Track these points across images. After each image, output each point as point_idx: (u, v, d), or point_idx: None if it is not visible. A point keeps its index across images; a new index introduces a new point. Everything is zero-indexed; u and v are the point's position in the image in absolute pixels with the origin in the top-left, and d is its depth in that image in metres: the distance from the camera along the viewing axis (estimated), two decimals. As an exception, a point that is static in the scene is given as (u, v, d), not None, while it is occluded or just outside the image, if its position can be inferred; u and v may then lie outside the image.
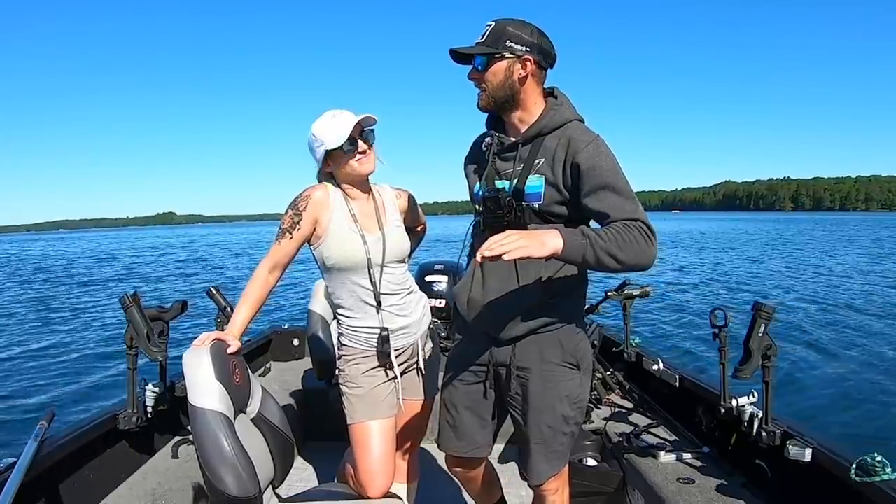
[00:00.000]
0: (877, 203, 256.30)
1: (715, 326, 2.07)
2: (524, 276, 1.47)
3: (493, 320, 1.51)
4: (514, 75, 1.43)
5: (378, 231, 1.77)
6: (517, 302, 1.48)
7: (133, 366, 2.12)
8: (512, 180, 1.48)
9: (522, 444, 1.59)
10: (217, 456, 1.45)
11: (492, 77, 1.44)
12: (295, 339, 3.75)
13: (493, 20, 1.45)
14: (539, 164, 1.45)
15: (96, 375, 6.93)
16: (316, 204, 1.72)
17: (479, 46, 1.43)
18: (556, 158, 1.43)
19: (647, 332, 8.21)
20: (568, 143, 1.42)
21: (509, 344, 1.53)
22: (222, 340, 1.66)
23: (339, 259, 1.73)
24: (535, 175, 1.45)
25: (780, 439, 1.84)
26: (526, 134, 1.48)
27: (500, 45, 1.41)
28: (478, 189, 1.54)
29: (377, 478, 1.76)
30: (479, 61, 1.43)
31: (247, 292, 1.75)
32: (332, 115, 1.69)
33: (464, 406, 1.65)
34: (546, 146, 1.45)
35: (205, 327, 2.89)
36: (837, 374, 6.39)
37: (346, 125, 1.64)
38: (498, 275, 1.49)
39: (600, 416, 2.70)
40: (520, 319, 1.49)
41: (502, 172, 1.51)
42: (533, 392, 1.52)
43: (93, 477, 1.96)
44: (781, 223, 73.85)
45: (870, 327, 8.76)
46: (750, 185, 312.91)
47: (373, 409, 1.79)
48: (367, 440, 1.78)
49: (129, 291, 2.15)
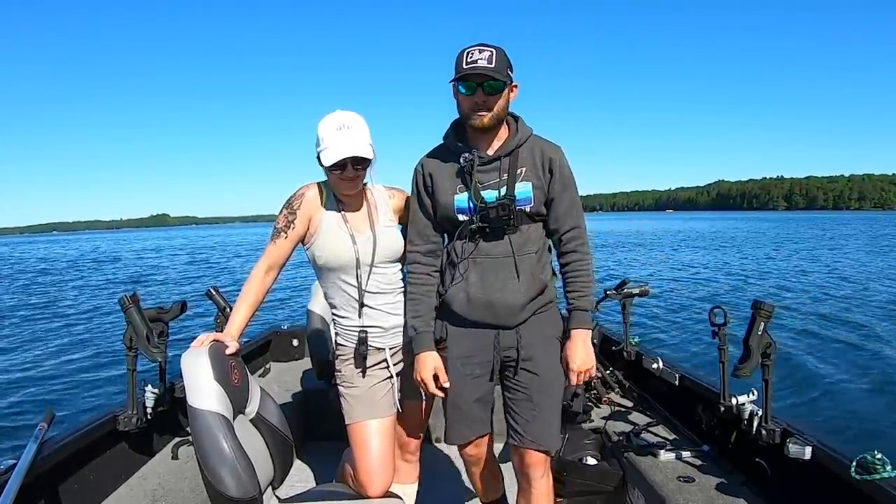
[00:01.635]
0: (870, 202, 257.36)
1: (714, 325, 2.08)
2: (521, 269, 1.65)
3: (499, 312, 1.66)
4: (509, 99, 1.63)
5: (369, 231, 1.78)
6: (520, 291, 1.65)
7: (133, 367, 2.11)
8: (500, 189, 1.63)
9: (530, 416, 1.69)
10: (216, 457, 1.45)
11: (501, 101, 1.59)
12: (294, 339, 3.75)
13: (490, 46, 1.56)
14: (522, 172, 1.64)
15: (96, 376, 6.90)
16: (309, 202, 1.75)
17: (496, 73, 1.53)
18: (536, 166, 1.65)
19: (646, 330, 8.21)
20: (542, 151, 1.66)
21: (513, 329, 1.69)
22: (220, 342, 1.66)
23: (329, 258, 1.75)
24: (522, 182, 1.64)
25: (779, 437, 1.85)
26: (505, 148, 1.65)
27: (506, 72, 1.57)
28: (463, 200, 1.65)
29: (376, 477, 1.77)
30: (499, 87, 1.56)
31: (244, 293, 1.76)
32: (337, 124, 1.68)
33: (473, 399, 1.74)
34: (523, 157, 1.65)
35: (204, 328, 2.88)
36: (837, 372, 6.41)
37: (339, 151, 1.64)
38: (496, 272, 1.65)
39: (600, 414, 2.71)
40: (523, 306, 1.66)
41: (485, 184, 1.64)
42: (542, 366, 1.70)
43: (93, 478, 1.96)
44: (778, 222, 74.17)
45: (870, 325, 8.78)
46: (743, 185, 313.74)
47: (371, 409, 1.80)
48: (365, 440, 1.78)
49: (129, 292, 2.15)
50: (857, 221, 69.60)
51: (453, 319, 1.72)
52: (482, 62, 1.51)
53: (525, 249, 1.65)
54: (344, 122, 1.68)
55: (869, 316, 9.53)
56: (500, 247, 1.64)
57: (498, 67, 1.53)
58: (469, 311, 1.67)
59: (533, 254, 1.66)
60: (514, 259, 1.63)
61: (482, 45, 1.55)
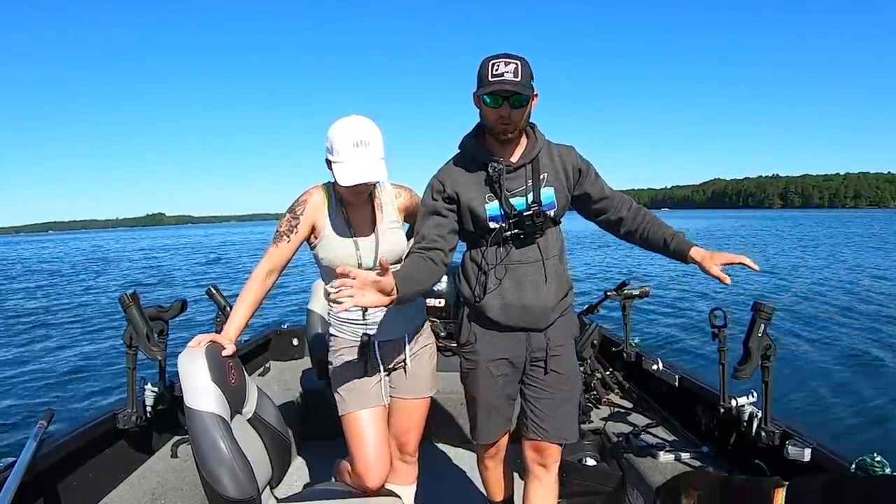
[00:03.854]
0: (865, 200, 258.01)
1: (714, 326, 2.09)
2: (549, 272, 1.70)
3: (533, 316, 1.70)
4: (531, 109, 1.63)
5: (372, 234, 1.80)
6: (551, 294, 1.71)
7: (132, 365, 2.11)
8: (527, 196, 1.67)
9: (554, 413, 1.76)
10: (214, 458, 1.45)
11: (525, 113, 1.60)
12: (294, 338, 3.74)
13: (515, 58, 1.55)
14: (545, 178, 1.68)
15: (96, 375, 6.89)
16: (313, 207, 1.76)
17: (523, 89, 1.54)
18: (556, 171, 1.70)
19: (646, 331, 8.20)
20: (559, 156, 1.71)
21: (543, 330, 1.73)
22: (217, 342, 1.66)
23: (332, 261, 1.77)
24: (546, 188, 1.68)
25: (779, 439, 1.86)
26: (528, 156, 1.68)
27: (531, 85, 1.57)
28: (495, 209, 1.67)
29: (374, 467, 1.78)
30: (524, 100, 1.57)
31: (244, 294, 1.76)
32: (354, 139, 1.63)
33: (503, 398, 1.79)
34: (543, 163, 1.69)
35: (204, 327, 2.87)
36: (837, 373, 6.42)
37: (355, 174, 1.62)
38: (529, 277, 1.69)
39: (600, 415, 2.72)
40: (554, 307, 1.72)
41: (514, 191, 1.67)
42: (568, 363, 1.77)
43: (92, 476, 1.96)
44: (774, 220, 74.25)
45: (870, 326, 8.78)
46: (739, 183, 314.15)
47: (362, 399, 1.82)
48: (359, 430, 1.80)
49: (129, 291, 2.14)
50: (854, 220, 69.68)
51: (485, 323, 1.74)
52: (508, 75, 1.51)
53: (550, 253, 1.71)
54: (361, 138, 1.63)
55: (870, 317, 9.54)
56: (531, 252, 1.69)
57: (524, 81, 1.53)
58: (504, 317, 1.70)
59: (556, 257, 1.72)
60: (543, 263, 1.69)
61: (507, 56, 1.54)
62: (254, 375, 3.34)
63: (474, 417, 1.83)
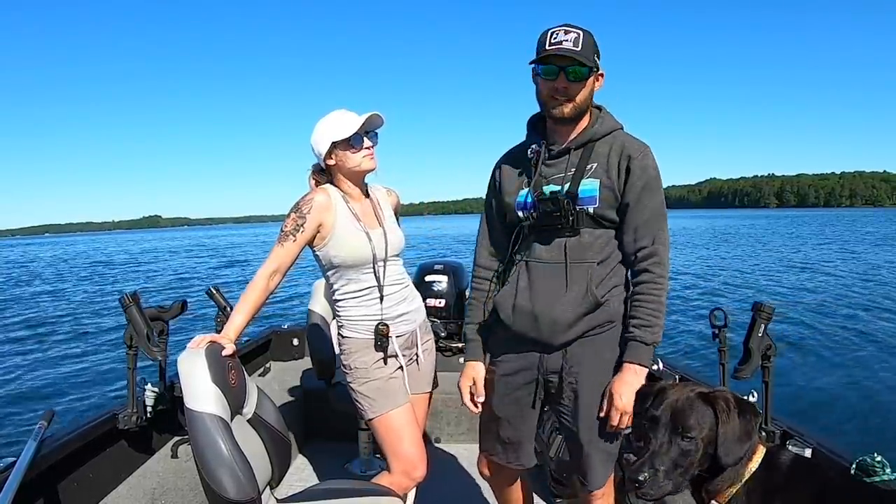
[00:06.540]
0: (861, 199, 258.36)
1: (714, 326, 2.08)
2: (573, 278, 1.45)
3: (543, 326, 1.47)
4: (593, 89, 1.46)
5: (379, 227, 1.83)
6: (568, 306, 1.45)
7: (133, 365, 2.10)
8: (563, 185, 1.45)
9: (576, 449, 1.54)
10: (214, 459, 1.44)
11: (585, 90, 1.42)
12: (295, 338, 3.73)
13: (578, 28, 1.39)
14: (592, 168, 1.45)
15: (96, 375, 6.87)
16: (320, 207, 1.75)
17: (583, 58, 1.36)
18: (610, 163, 1.44)
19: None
20: (622, 148, 1.45)
21: (560, 349, 1.49)
22: (217, 343, 1.65)
23: (347, 257, 1.76)
24: (589, 179, 1.44)
25: (779, 439, 1.86)
26: (577, 140, 1.47)
27: (593, 58, 1.40)
28: (523, 196, 1.51)
29: (420, 461, 1.78)
30: (583, 73, 1.39)
31: (246, 295, 1.74)
32: (341, 112, 1.75)
33: (513, 416, 1.60)
34: (598, 151, 1.46)
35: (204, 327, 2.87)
36: (837, 373, 6.43)
37: (355, 120, 1.72)
38: (546, 280, 1.47)
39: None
40: (571, 323, 1.45)
41: (550, 178, 1.48)
42: (589, 396, 1.48)
43: (92, 476, 1.95)
44: (771, 220, 74.40)
45: (870, 326, 8.79)
46: (735, 183, 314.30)
47: (394, 397, 1.80)
48: (398, 429, 1.78)
49: (129, 291, 2.13)
50: (851, 218, 69.83)
51: (497, 327, 1.59)
52: (567, 44, 1.35)
53: (583, 257, 1.45)
54: (343, 111, 1.76)
55: (871, 317, 9.55)
56: (553, 250, 1.47)
57: (585, 52, 1.36)
58: (512, 321, 1.51)
59: (594, 264, 1.45)
60: (565, 266, 1.43)
61: (568, 25, 1.38)
62: (254, 376, 3.33)
63: (479, 426, 1.72)
